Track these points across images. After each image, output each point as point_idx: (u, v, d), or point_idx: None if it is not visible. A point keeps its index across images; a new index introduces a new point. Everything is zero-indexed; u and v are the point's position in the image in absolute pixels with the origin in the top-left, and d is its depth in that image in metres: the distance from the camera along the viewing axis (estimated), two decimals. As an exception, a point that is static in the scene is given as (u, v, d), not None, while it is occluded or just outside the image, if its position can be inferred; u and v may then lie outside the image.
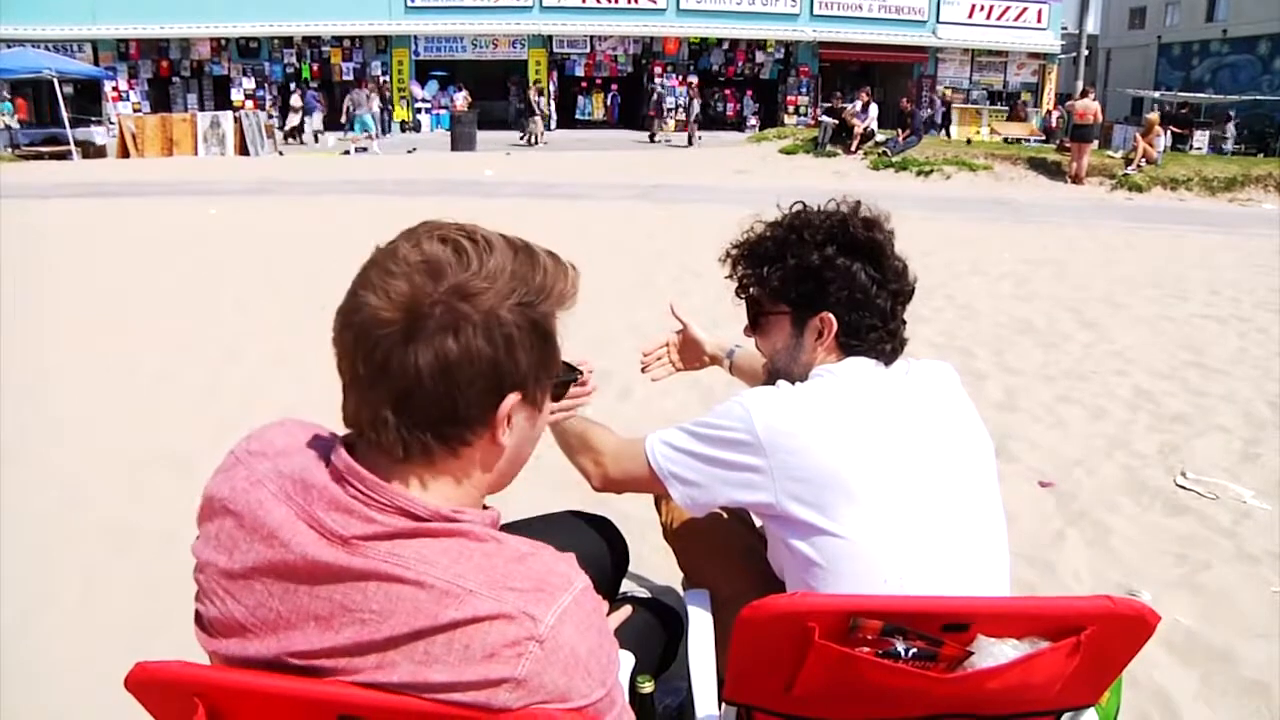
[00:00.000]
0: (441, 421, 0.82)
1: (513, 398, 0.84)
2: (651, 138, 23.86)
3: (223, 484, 0.90)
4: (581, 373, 0.96)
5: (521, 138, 22.72)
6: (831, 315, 1.39)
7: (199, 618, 0.89)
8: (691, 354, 2.00)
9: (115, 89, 25.39)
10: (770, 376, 1.45)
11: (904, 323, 1.43)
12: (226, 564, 0.86)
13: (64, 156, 18.27)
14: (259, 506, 0.85)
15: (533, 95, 23.04)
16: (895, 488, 1.26)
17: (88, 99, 22.55)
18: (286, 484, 0.86)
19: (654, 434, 1.40)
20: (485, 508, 0.93)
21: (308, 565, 0.82)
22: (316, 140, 22.16)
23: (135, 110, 24.61)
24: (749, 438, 1.27)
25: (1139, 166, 15.58)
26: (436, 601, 0.78)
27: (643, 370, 2.00)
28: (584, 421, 1.54)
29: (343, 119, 22.46)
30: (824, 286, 1.39)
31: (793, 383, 1.37)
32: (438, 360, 0.79)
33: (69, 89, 20.39)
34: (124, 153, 19.15)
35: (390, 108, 25.59)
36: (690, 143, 22.10)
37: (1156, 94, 26.19)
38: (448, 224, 0.84)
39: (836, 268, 1.38)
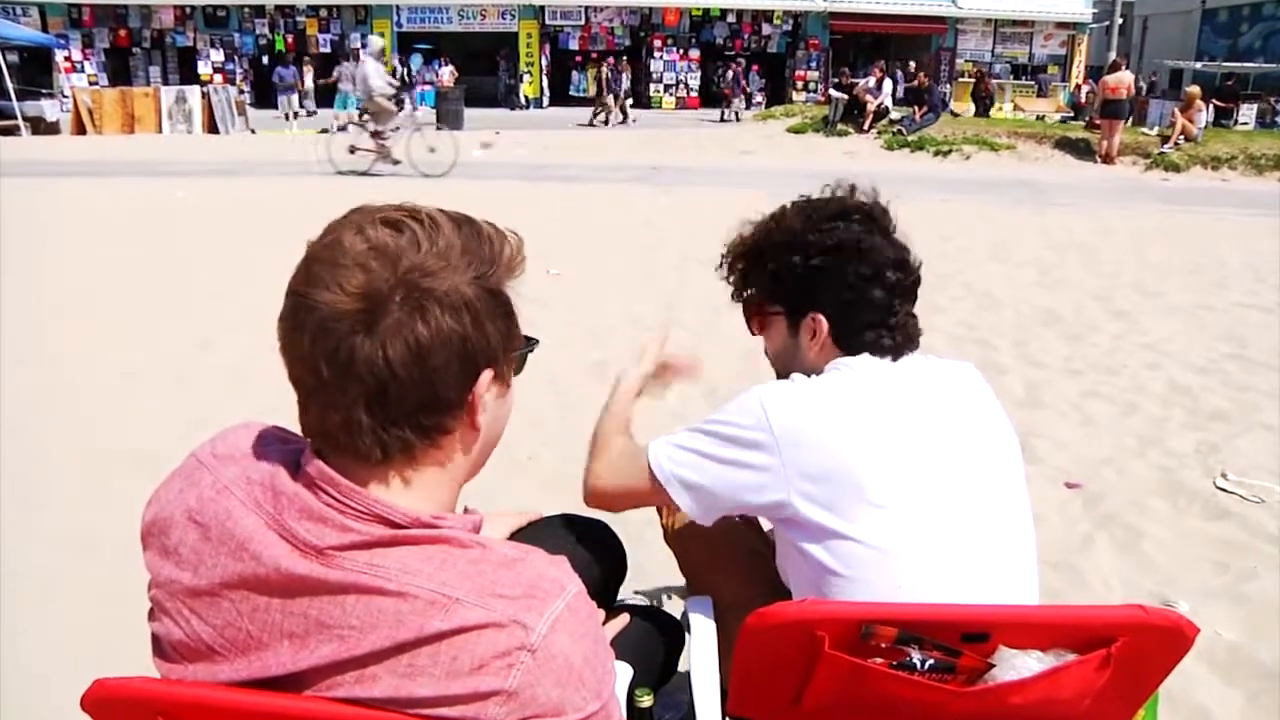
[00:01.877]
0: (420, 411, 0.83)
1: (486, 374, 0.85)
2: (722, 117, 24.04)
3: (188, 493, 0.89)
4: (538, 341, 0.98)
5: (595, 115, 22.74)
6: (823, 316, 1.40)
7: (157, 642, 0.88)
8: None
9: (68, 59, 25.20)
10: (778, 375, 1.47)
11: (912, 316, 1.43)
12: (191, 581, 0.85)
13: (11, 132, 18.03)
14: (227, 517, 0.85)
15: (605, 72, 23.03)
16: (913, 488, 1.27)
17: (36, 69, 21.92)
18: (256, 491, 0.86)
19: (660, 438, 1.39)
20: (467, 510, 0.93)
21: (280, 578, 0.81)
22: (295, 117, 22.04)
23: (92, 83, 24.48)
24: (764, 434, 1.27)
25: (1176, 144, 15.50)
26: (421, 613, 0.78)
27: None
28: (623, 426, 1.51)
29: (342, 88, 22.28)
30: (811, 287, 1.41)
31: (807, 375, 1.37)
32: (409, 348, 0.79)
33: (14, 57, 20.08)
34: (80, 129, 19.06)
35: (413, 85, 25.41)
36: (624, 120, 22.46)
37: (1198, 65, 25.88)
38: (385, 207, 0.85)
39: (823, 267, 1.39)
